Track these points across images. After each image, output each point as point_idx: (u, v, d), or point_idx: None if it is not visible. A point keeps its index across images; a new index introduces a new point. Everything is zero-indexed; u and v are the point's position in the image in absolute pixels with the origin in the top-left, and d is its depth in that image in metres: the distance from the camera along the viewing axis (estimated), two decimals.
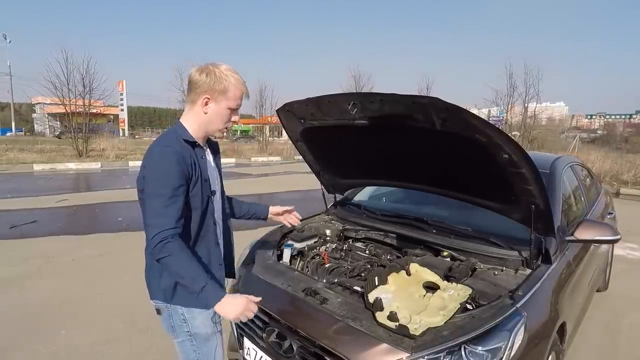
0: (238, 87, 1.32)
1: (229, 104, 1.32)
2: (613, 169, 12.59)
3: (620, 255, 4.91)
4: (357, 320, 1.52)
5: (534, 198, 1.68)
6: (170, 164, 1.23)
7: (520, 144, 5.51)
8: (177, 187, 1.23)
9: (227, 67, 1.33)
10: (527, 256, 1.84)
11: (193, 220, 1.33)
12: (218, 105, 1.32)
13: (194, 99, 1.32)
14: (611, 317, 3.24)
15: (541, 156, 3.19)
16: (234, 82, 1.31)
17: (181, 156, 1.25)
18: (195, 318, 1.37)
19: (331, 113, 1.89)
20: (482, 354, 1.35)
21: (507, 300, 1.52)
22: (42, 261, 4.28)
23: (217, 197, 1.45)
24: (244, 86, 1.35)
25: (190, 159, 1.29)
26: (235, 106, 1.34)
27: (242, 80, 1.34)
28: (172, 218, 1.20)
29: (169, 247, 1.17)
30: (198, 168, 1.32)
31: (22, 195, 8.37)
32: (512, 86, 20.92)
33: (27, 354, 2.57)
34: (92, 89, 17.72)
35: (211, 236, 1.40)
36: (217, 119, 1.34)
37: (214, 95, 1.30)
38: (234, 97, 1.32)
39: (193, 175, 1.29)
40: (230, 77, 1.30)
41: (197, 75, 1.30)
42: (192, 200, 1.31)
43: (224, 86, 1.29)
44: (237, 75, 1.33)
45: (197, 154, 1.34)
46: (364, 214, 2.57)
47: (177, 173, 1.23)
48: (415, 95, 1.50)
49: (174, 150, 1.25)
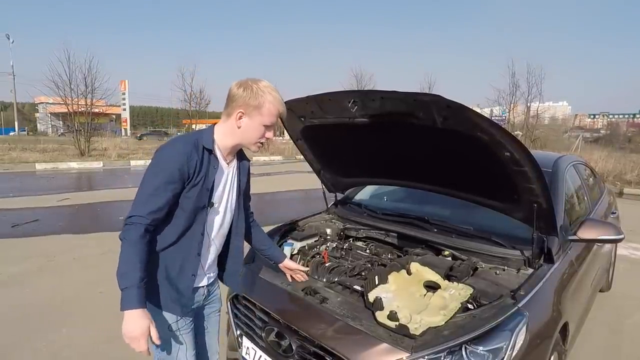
0: (274, 104, 1.32)
1: (263, 120, 1.32)
2: (616, 168, 12.53)
3: (624, 255, 4.87)
4: (357, 320, 1.50)
5: (536, 197, 1.66)
6: (171, 160, 1.24)
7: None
8: (168, 182, 1.23)
9: (266, 84, 1.33)
10: (529, 255, 1.82)
11: (178, 222, 1.31)
12: (252, 120, 1.32)
13: (229, 112, 1.33)
14: (614, 317, 3.21)
15: (544, 155, 3.17)
16: (271, 99, 1.31)
17: (186, 156, 1.25)
18: (154, 316, 1.30)
19: (332, 111, 1.88)
20: (483, 354, 1.33)
21: (508, 300, 1.50)
22: (44, 260, 4.29)
23: (217, 210, 1.42)
24: (281, 105, 1.35)
25: (196, 163, 1.27)
26: (269, 123, 1.34)
27: (279, 98, 1.34)
28: (148, 208, 1.20)
29: (127, 232, 1.20)
30: (202, 174, 1.30)
31: (24, 194, 8.40)
32: (514, 85, 20.87)
33: (28, 353, 2.57)
34: (94, 88, 17.79)
35: (193, 245, 1.35)
36: (250, 134, 1.34)
37: (248, 110, 1.30)
38: (269, 113, 1.32)
39: (194, 178, 1.28)
40: (267, 95, 1.30)
41: (236, 89, 1.31)
42: (184, 202, 1.29)
43: (259, 102, 1.30)
44: (275, 93, 1.33)
45: (210, 161, 1.33)
46: (365, 213, 2.56)
47: (174, 170, 1.23)
48: (416, 93, 1.49)
49: (181, 149, 1.26)
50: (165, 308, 1.35)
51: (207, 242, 1.41)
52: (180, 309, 1.37)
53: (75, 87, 17.41)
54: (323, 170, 2.55)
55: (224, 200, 1.44)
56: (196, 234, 1.35)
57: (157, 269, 1.31)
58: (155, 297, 1.32)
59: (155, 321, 1.29)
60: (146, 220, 1.21)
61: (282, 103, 1.36)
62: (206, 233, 1.39)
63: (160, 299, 1.33)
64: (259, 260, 2.08)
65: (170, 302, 1.35)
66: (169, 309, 1.35)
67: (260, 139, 1.37)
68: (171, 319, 1.37)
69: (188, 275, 1.37)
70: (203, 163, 1.30)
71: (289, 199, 8.79)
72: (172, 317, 1.37)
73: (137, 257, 1.19)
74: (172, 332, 1.37)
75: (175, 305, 1.36)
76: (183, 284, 1.36)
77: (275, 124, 1.40)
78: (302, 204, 8.05)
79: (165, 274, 1.33)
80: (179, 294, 1.35)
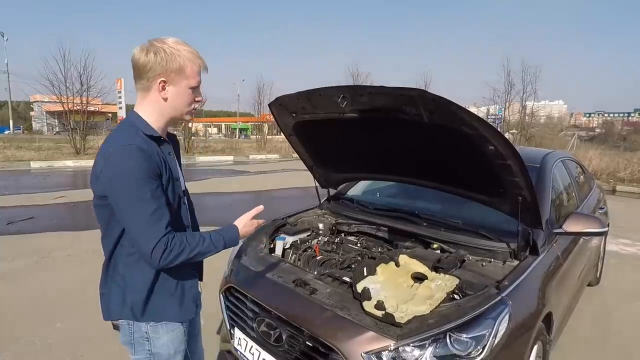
0: (194, 61, 1.14)
1: (190, 82, 1.15)
2: (610, 166, 12.66)
3: (614, 250, 4.94)
4: (345, 310, 1.54)
5: (520, 190, 1.70)
6: (139, 166, 1.06)
7: (518, 142, 5.56)
8: (154, 188, 1.09)
9: (174, 40, 1.14)
10: (515, 248, 1.86)
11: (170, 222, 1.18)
12: (177, 87, 1.14)
13: (147, 85, 1.13)
14: (602, 310, 3.27)
15: (533, 151, 3.22)
16: (189, 56, 1.13)
17: (149, 154, 1.09)
18: (160, 338, 1.24)
19: (322, 106, 1.91)
20: (467, 342, 1.37)
21: (492, 290, 1.54)
22: (38, 256, 4.29)
23: (184, 196, 1.30)
24: (199, 58, 1.16)
25: (159, 157, 1.14)
26: (196, 84, 1.17)
27: (196, 52, 1.16)
28: (162, 224, 1.08)
29: (177, 245, 1.09)
30: (168, 166, 1.17)
31: (19, 192, 8.37)
32: (509, 84, 20.98)
33: (22, 346, 2.59)
34: (90, 86, 17.71)
35: None
36: (180, 103, 1.17)
37: (169, 76, 1.12)
38: (193, 73, 1.15)
39: (163, 174, 1.14)
40: (183, 52, 1.12)
41: (144, 57, 1.10)
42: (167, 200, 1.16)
43: (180, 64, 1.11)
44: (189, 46, 1.15)
45: (164, 151, 1.19)
46: (357, 208, 2.59)
47: (149, 173, 1.08)
48: (402, 88, 1.52)
49: (138, 148, 1.08)
50: (178, 318, 1.26)
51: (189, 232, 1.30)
52: (188, 313, 1.28)
53: (70, 85, 17.35)
54: (315, 166, 2.58)
55: (185, 184, 1.32)
56: (181, 226, 1.25)
57: (159, 281, 1.20)
58: (164, 312, 1.23)
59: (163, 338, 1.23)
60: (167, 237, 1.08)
61: (200, 56, 1.16)
62: (187, 222, 1.30)
63: (169, 313, 1.24)
64: (251, 254, 2.12)
65: (180, 309, 1.25)
66: (181, 317, 1.26)
67: (192, 104, 1.20)
68: (175, 330, 1.27)
69: (189, 272, 1.28)
70: (160, 154, 1.16)
71: (285, 197, 8.82)
72: (180, 330, 1.28)
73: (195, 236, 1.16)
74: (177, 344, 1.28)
75: (187, 310, 1.27)
76: (188, 283, 1.28)
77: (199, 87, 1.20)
78: (298, 202, 8.05)
79: (169, 282, 1.22)
80: (185, 297, 1.26)
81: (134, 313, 1.20)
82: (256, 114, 27.87)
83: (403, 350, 1.36)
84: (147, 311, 1.20)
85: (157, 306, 1.21)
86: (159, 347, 1.24)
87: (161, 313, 1.22)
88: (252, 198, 8.73)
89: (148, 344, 1.24)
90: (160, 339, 1.24)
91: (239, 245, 2.26)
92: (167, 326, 1.24)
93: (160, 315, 1.22)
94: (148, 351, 1.24)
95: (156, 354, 1.25)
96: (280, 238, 2.27)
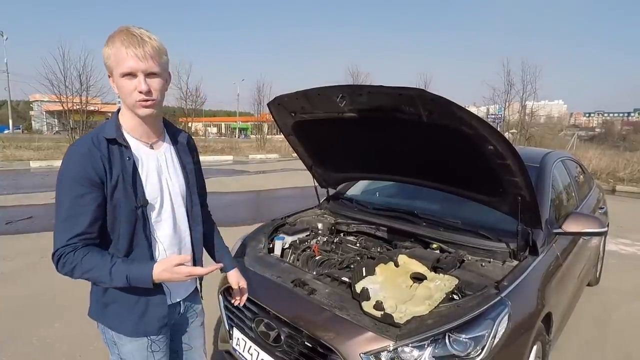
0: (117, 45, 1.03)
1: (118, 70, 1.05)
2: (610, 166, 12.65)
3: (614, 250, 4.94)
4: (344, 310, 1.53)
5: (519, 190, 1.70)
6: (70, 169, 1.04)
7: (518, 142, 5.55)
8: (79, 195, 1.03)
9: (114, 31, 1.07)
10: (515, 248, 1.86)
11: (122, 234, 1.11)
12: (116, 79, 1.07)
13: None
14: (601, 310, 3.27)
15: (532, 151, 3.22)
16: (115, 42, 1.04)
17: (88, 158, 1.04)
18: (124, 345, 1.20)
19: (321, 106, 1.90)
20: (466, 342, 1.36)
21: (492, 290, 1.54)
22: (37, 256, 4.29)
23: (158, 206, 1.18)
24: (126, 39, 1.03)
25: (102, 160, 1.06)
26: (127, 70, 1.04)
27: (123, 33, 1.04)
28: (69, 233, 1.03)
29: (68, 264, 1.03)
30: (117, 171, 1.08)
31: (18, 192, 8.36)
32: (509, 83, 20.96)
33: (21, 346, 2.58)
34: (89, 86, 17.70)
35: (144, 253, 1.15)
36: (123, 94, 1.09)
37: (109, 70, 1.08)
38: (117, 59, 1.04)
39: (108, 180, 1.06)
40: (112, 39, 1.04)
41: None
42: (114, 210, 1.09)
43: (107, 54, 1.05)
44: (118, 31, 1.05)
45: (118, 153, 1.10)
46: (356, 208, 2.59)
47: (76, 179, 1.03)
48: (401, 87, 1.51)
49: (78, 151, 1.05)
50: (133, 333, 1.19)
51: (161, 246, 1.20)
52: (150, 329, 1.20)
53: (70, 84, 17.33)
54: (315, 166, 2.57)
55: (165, 193, 1.20)
56: (141, 240, 1.14)
57: (118, 292, 1.14)
58: (121, 324, 1.18)
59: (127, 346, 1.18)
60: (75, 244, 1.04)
61: (126, 41, 1.03)
62: (154, 237, 1.18)
63: (125, 325, 1.18)
64: (250, 254, 2.11)
65: (139, 324, 1.18)
66: (137, 333, 1.19)
67: (133, 94, 1.07)
68: (142, 344, 1.20)
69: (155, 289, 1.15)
70: (111, 158, 1.08)
71: (285, 197, 8.81)
72: (143, 341, 1.20)
73: (100, 257, 1.06)
74: (150, 353, 1.22)
75: (146, 327, 1.19)
76: (155, 299, 1.18)
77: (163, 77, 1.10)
78: (298, 201, 8.05)
79: (128, 293, 1.15)
80: (147, 311, 1.18)
81: (97, 314, 1.21)
82: (256, 114, 27.85)
83: (402, 351, 1.35)
84: (106, 317, 1.19)
85: (114, 315, 1.18)
86: (125, 354, 1.21)
87: (117, 324, 1.19)
88: (252, 198, 8.72)
89: (116, 347, 1.22)
90: (124, 345, 1.20)
91: (238, 245, 2.26)
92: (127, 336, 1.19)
93: (115, 326, 1.19)
94: (118, 355, 1.23)
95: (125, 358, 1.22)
96: (279, 238, 2.27)
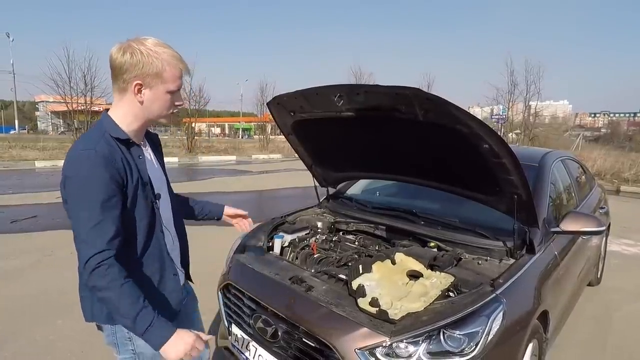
0: (174, 64, 1.09)
1: (168, 87, 1.10)
2: (614, 166, 12.56)
3: (616, 250, 4.92)
4: (340, 306, 1.55)
5: (516, 188, 1.71)
6: (94, 172, 1.01)
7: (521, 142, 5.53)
8: (107, 199, 1.02)
9: (154, 41, 1.09)
10: (512, 246, 1.87)
11: (139, 233, 1.14)
12: (154, 91, 1.09)
13: (123, 87, 1.09)
14: (602, 310, 3.26)
15: (532, 150, 3.22)
16: (169, 59, 1.08)
17: (109, 160, 1.04)
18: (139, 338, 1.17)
19: (319, 105, 1.92)
20: (460, 338, 1.38)
21: (487, 288, 1.55)
22: (41, 254, 4.34)
23: (163, 200, 1.25)
24: (181, 62, 1.11)
25: (122, 162, 1.08)
26: (175, 88, 1.12)
27: (177, 54, 1.11)
28: (106, 238, 1.01)
29: (108, 276, 1.00)
30: (135, 171, 1.11)
31: (23, 191, 8.46)
32: (512, 83, 20.83)
33: (23, 343, 2.62)
34: (94, 86, 17.83)
35: (162, 247, 1.21)
36: (156, 107, 1.12)
37: (146, 80, 1.07)
38: (173, 78, 1.10)
39: (129, 180, 1.08)
40: (163, 55, 1.07)
41: (120, 57, 1.05)
42: (135, 211, 1.11)
43: (158, 68, 1.07)
44: (170, 49, 1.10)
45: (133, 154, 1.13)
46: (355, 207, 2.60)
47: (104, 182, 1.02)
48: (397, 86, 1.52)
49: (97, 153, 1.03)
50: None
51: (169, 237, 1.26)
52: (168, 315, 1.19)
53: (75, 85, 17.49)
54: (314, 165, 2.59)
55: (163, 187, 1.27)
56: (158, 233, 1.19)
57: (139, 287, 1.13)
58: None
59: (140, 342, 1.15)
60: (111, 251, 1.02)
61: (181, 59, 1.11)
62: (164, 228, 1.24)
63: None
64: (250, 251, 2.13)
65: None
66: None
67: (170, 109, 1.15)
68: None
69: (170, 276, 1.24)
70: (128, 158, 1.10)
71: (286, 196, 8.84)
72: None
73: (133, 291, 1.03)
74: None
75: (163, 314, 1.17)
76: (169, 288, 1.24)
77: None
78: (300, 201, 8.07)
79: (149, 287, 1.18)
80: (166, 302, 1.23)
81: (108, 318, 1.19)
82: (259, 114, 27.92)
83: (397, 347, 1.37)
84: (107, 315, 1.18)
85: None
86: (142, 347, 1.20)
87: None
88: (254, 197, 8.76)
89: (131, 343, 1.22)
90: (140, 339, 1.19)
91: (237, 243, 2.29)
92: None
93: None
94: (132, 351, 1.23)
95: (140, 353, 1.22)
96: (279, 236, 2.29)
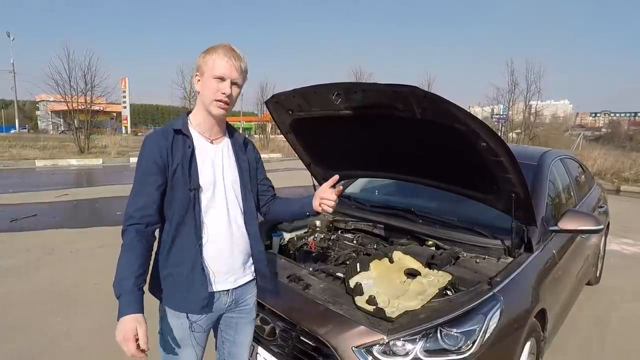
0: (219, 53, 1.26)
1: (212, 72, 1.26)
2: (615, 166, 12.55)
3: (616, 250, 4.92)
4: (337, 305, 1.55)
5: (513, 187, 1.71)
6: (142, 154, 1.25)
7: (521, 142, 5.52)
8: (146, 175, 1.22)
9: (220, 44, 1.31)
10: (510, 245, 1.87)
11: (176, 214, 1.25)
12: (204, 79, 1.28)
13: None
14: (601, 309, 3.26)
15: (531, 149, 3.21)
16: (212, 51, 1.28)
17: (156, 145, 1.24)
18: (166, 316, 1.29)
19: (317, 104, 1.92)
20: (457, 336, 1.38)
21: (484, 286, 1.55)
22: (42, 253, 4.35)
23: (210, 195, 1.30)
24: (226, 54, 1.27)
25: (166, 149, 1.24)
26: (218, 73, 1.25)
27: (227, 47, 1.29)
28: (134, 205, 1.21)
29: (124, 236, 1.21)
30: (178, 158, 1.24)
31: (24, 190, 8.46)
32: (513, 83, 20.80)
33: (23, 340, 2.62)
34: (94, 85, 17.88)
35: (192, 236, 1.26)
36: (205, 92, 1.28)
37: (200, 71, 1.29)
38: (213, 65, 1.26)
39: (170, 166, 1.24)
40: (211, 50, 1.28)
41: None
42: (173, 194, 1.25)
43: (206, 59, 1.27)
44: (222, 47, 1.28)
45: (182, 143, 1.27)
46: (354, 206, 2.61)
47: (147, 162, 1.23)
48: (395, 85, 1.52)
49: (150, 138, 1.26)
50: (178, 308, 1.28)
51: (209, 233, 1.29)
52: (192, 308, 1.28)
53: (75, 84, 17.52)
54: (313, 164, 2.59)
55: (218, 184, 1.32)
56: (190, 223, 1.25)
57: (166, 266, 1.27)
58: (169, 297, 1.29)
59: (168, 317, 1.28)
60: (135, 219, 1.20)
61: (228, 53, 1.27)
62: (203, 223, 1.28)
63: (173, 299, 1.28)
64: None
65: (180, 301, 1.27)
66: (181, 308, 1.28)
67: (216, 94, 1.26)
68: (181, 319, 1.29)
69: (199, 270, 1.26)
70: (174, 147, 1.25)
71: (287, 195, 8.83)
72: (182, 317, 1.28)
73: (132, 262, 1.16)
74: (181, 333, 1.29)
75: (188, 304, 1.27)
76: (196, 280, 1.26)
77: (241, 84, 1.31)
78: None
79: (176, 270, 1.26)
80: (190, 292, 1.26)
81: (153, 290, 1.33)
82: (259, 114, 27.94)
83: (394, 345, 1.37)
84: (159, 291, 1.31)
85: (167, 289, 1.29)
86: (165, 328, 1.30)
87: (166, 296, 1.30)
88: None
89: (161, 322, 1.32)
90: (166, 319, 1.30)
91: None
92: (172, 310, 1.29)
93: (165, 299, 1.30)
94: (161, 328, 1.33)
95: (164, 332, 1.31)
96: (277, 234, 2.30)
